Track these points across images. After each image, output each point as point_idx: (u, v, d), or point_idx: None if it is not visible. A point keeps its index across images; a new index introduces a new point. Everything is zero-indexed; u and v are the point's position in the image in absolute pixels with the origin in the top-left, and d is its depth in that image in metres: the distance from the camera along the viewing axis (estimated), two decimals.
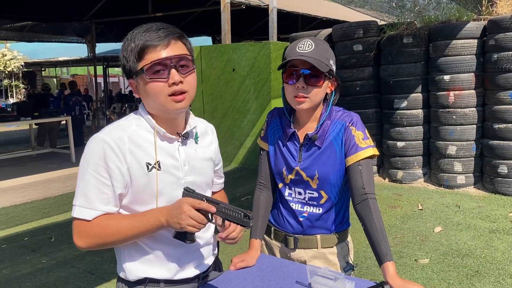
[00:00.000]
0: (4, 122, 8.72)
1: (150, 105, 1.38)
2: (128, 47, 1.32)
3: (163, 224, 1.30)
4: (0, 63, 22.40)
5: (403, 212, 5.22)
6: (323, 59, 1.60)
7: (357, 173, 1.65)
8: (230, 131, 8.32)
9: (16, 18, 11.44)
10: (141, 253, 1.41)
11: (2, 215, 5.65)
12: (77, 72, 30.67)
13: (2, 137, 14.19)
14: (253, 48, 7.90)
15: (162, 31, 1.32)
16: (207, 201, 1.31)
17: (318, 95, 1.64)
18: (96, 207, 1.31)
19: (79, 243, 1.33)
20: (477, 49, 5.94)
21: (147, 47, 1.30)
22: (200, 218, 1.27)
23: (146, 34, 1.31)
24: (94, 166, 1.31)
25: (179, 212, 1.26)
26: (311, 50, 1.60)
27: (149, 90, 1.32)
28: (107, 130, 1.36)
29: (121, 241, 1.34)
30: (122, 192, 1.34)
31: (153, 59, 1.30)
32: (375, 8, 13.71)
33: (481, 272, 3.59)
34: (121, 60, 1.36)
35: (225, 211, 1.31)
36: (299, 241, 1.78)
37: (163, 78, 1.31)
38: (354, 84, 6.72)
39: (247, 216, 1.30)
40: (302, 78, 1.61)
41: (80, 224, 1.32)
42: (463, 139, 6.06)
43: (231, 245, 1.39)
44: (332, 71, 1.66)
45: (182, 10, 11.51)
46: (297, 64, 1.62)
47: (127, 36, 1.34)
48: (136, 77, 1.34)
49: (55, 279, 3.74)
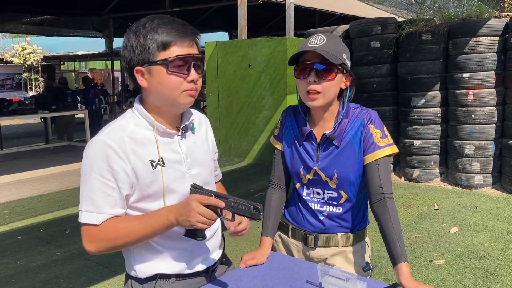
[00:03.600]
0: (23, 114, 8.84)
1: (158, 97, 1.35)
2: (147, 36, 1.30)
3: (173, 223, 1.29)
4: (20, 56, 22.73)
5: (418, 212, 5.14)
6: (334, 52, 1.57)
7: (375, 172, 1.62)
8: (245, 127, 8.31)
9: (36, 12, 11.59)
10: (150, 249, 1.40)
11: (19, 206, 5.74)
12: (95, 66, 30.95)
13: (21, 130, 14.42)
14: (269, 43, 7.86)
15: (189, 28, 1.33)
16: (215, 196, 1.30)
17: (331, 89, 1.61)
18: (103, 211, 1.30)
19: (89, 248, 1.32)
20: (498, 47, 5.81)
21: (174, 40, 1.30)
22: (209, 214, 1.26)
23: (173, 27, 1.30)
24: (98, 170, 1.29)
25: (188, 210, 1.25)
26: (323, 43, 1.57)
27: (167, 82, 1.31)
28: (106, 132, 1.34)
29: (132, 243, 1.33)
30: (128, 193, 1.33)
31: (179, 54, 1.30)
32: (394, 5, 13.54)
33: (498, 274, 3.52)
34: (134, 48, 1.31)
35: (234, 205, 1.29)
36: (320, 240, 1.75)
37: (183, 73, 1.31)
38: (371, 81, 6.64)
39: (256, 209, 1.28)
40: (314, 71, 1.58)
41: (89, 229, 1.31)
42: (481, 139, 5.95)
43: (242, 239, 1.39)
44: (346, 65, 1.62)
45: (199, 5, 11.52)
46: (308, 58, 1.60)
47: (143, 25, 1.31)
48: (150, 65, 1.31)
49: (69, 271, 3.78)
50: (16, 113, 8.46)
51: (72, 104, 9.94)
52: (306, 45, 1.60)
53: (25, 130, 14.28)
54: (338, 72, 1.61)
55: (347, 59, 1.63)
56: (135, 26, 1.33)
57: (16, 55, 22.86)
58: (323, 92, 1.60)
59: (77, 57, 23.57)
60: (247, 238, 4.27)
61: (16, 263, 3.96)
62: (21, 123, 15.72)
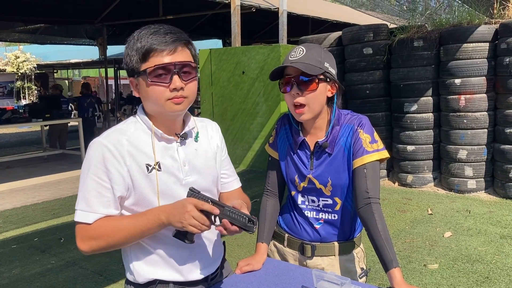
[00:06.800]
0: (16, 123, 8.81)
1: (149, 106, 1.39)
2: (134, 46, 1.33)
3: (163, 222, 1.29)
4: (13, 65, 22.67)
5: (412, 217, 5.17)
6: (314, 62, 1.59)
7: (362, 176, 1.63)
8: (239, 134, 8.33)
9: (29, 20, 11.58)
10: (148, 255, 1.42)
11: (13, 215, 5.71)
12: (89, 74, 30.90)
13: (14, 138, 14.34)
14: (263, 51, 7.91)
15: (170, 36, 1.32)
16: (212, 203, 1.30)
17: (315, 100, 1.62)
18: (96, 210, 1.32)
19: (82, 247, 1.33)
20: (488, 53, 5.88)
21: (152, 50, 1.30)
22: (202, 219, 1.26)
23: (153, 37, 1.31)
24: (94, 170, 1.32)
25: (183, 212, 1.25)
26: (302, 55, 1.60)
27: (150, 92, 1.33)
28: (106, 134, 1.37)
29: (123, 241, 1.33)
30: (122, 195, 1.35)
31: (157, 63, 1.30)
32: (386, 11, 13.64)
33: (491, 278, 3.55)
34: (125, 57, 1.37)
35: (229, 214, 1.30)
36: (317, 249, 1.76)
37: (164, 82, 1.31)
38: (364, 87, 6.69)
39: (251, 221, 1.29)
40: (295, 84, 1.61)
41: (82, 228, 1.33)
42: (474, 144, 6.00)
43: (238, 246, 1.39)
44: (329, 73, 1.63)
45: (193, 13, 11.56)
46: (290, 72, 1.62)
47: (134, 34, 1.35)
48: (137, 76, 1.35)
49: (64, 280, 3.76)
50: (9, 121, 8.43)
51: (66, 112, 9.90)
52: (287, 59, 1.63)
53: (18, 139, 14.20)
54: (320, 82, 1.61)
55: (330, 67, 1.64)
56: (130, 35, 1.36)
57: (9, 63, 22.81)
58: (308, 104, 1.62)
59: (70, 65, 23.54)
60: (242, 245, 4.28)
61: (11, 272, 3.94)
62: (14, 131, 15.63)
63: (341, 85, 1.71)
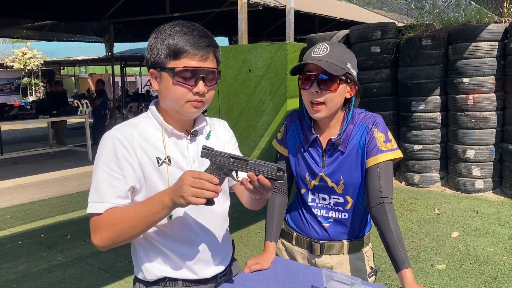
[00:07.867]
0: (23, 119, 8.85)
1: (166, 103, 1.38)
2: (165, 40, 1.31)
3: (167, 204, 1.23)
4: (20, 61, 22.75)
5: (419, 216, 5.14)
6: (337, 62, 1.56)
7: (375, 176, 1.61)
8: (245, 132, 8.31)
9: (36, 17, 11.61)
10: (157, 252, 1.41)
11: (20, 211, 5.73)
12: (95, 71, 31.01)
13: (21, 135, 14.41)
14: (269, 48, 7.88)
15: (204, 41, 1.32)
16: (232, 158, 1.25)
17: (334, 100, 1.60)
18: (106, 200, 1.31)
19: (95, 241, 1.31)
20: (497, 52, 5.83)
21: (185, 51, 1.30)
22: (200, 183, 1.17)
23: (187, 38, 1.30)
24: (105, 161, 1.32)
25: (180, 185, 1.19)
26: (325, 53, 1.57)
27: (172, 90, 1.33)
28: (117, 127, 1.38)
29: (130, 229, 1.28)
30: (135, 186, 1.34)
31: (187, 65, 1.30)
32: (394, 10, 13.58)
33: (499, 279, 3.52)
34: (151, 48, 1.34)
35: (255, 167, 1.24)
36: (326, 247, 1.74)
37: (189, 85, 1.32)
38: (371, 86, 6.66)
39: (280, 170, 1.23)
40: (316, 82, 1.58)
41: (94, 220, 1.32)
42: (482, 143, 5.96)
43: (244, 244, 1.38)
44: (351, 75, 1.61)
45: (200, 11, 11.55)
46: (311, 69, 1.60)
47: (165, 28, 1.33)
48: (161, 70, 1.34)
49: (70, 276, 3.77)
50: (16, 118, 8.47)
51: (73, 109, 9.95)
52: (309, 55, 1.60)
53: (25, 135, 14.27)
54: (341, 83, 1.59)
55: (352, 68, 1.61)
56: (160, 27, 1.35)
57: (17, 60, 22.89)
58: (326, 103, 1.59)
59: (77, 62, 23.57)
60: (248, 243, 4.27)
61: (18, 268, 3.96)
62: (21, 127, 15.72)
63: (360, 87, 1.69)
